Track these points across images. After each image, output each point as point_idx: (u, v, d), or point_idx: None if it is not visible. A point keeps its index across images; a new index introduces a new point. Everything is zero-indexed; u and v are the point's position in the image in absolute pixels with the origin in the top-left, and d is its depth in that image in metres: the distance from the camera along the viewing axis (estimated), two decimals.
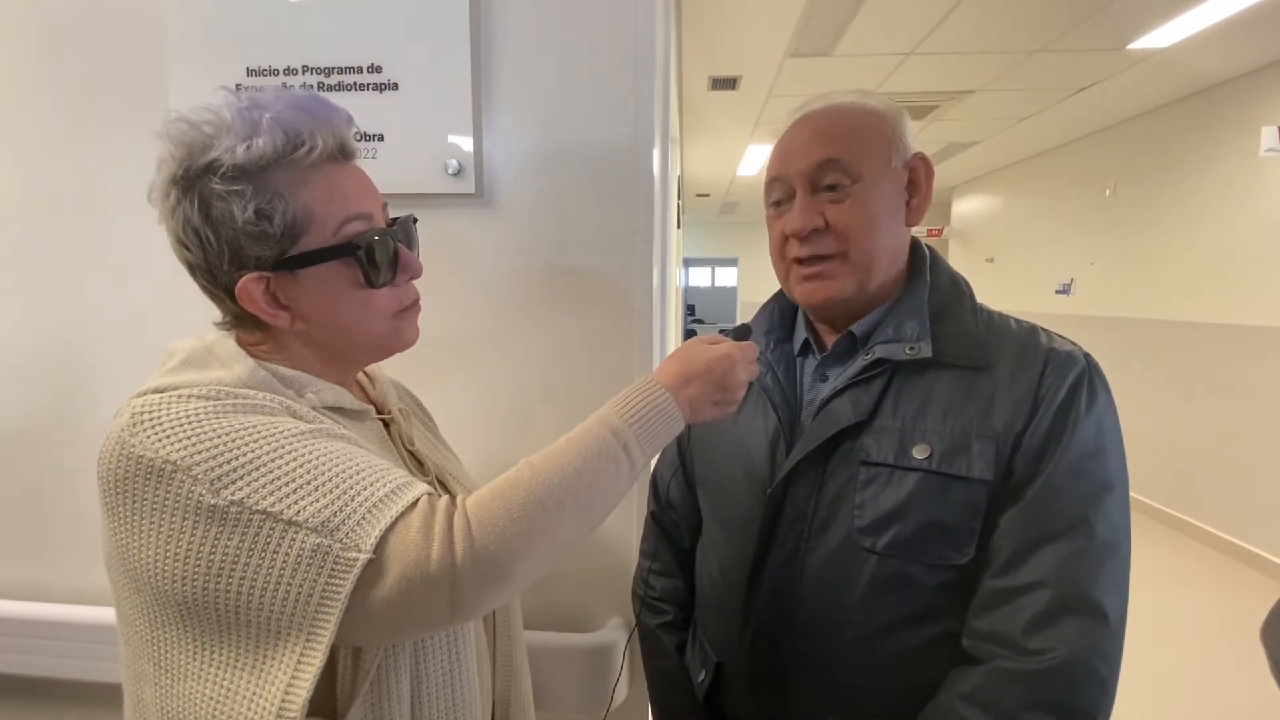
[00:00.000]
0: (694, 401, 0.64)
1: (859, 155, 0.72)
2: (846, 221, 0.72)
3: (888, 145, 0.74)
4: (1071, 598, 0.62)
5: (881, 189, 0.73)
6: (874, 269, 0.74)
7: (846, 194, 0.72)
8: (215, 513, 0.51)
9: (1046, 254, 5.49)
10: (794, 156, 0.75)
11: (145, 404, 0.55)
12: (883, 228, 0.74)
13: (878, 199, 0.73)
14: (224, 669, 0.52)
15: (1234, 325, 3.68)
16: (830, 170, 0.72)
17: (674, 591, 0.93)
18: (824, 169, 0.73)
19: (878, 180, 0.73)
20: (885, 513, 0.69)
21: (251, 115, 0.58)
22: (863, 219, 0.72)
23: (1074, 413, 0.66)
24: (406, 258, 0.67)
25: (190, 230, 0.59)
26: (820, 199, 0.73)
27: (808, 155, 0.73)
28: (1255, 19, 2.91)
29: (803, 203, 0.74)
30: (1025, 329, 0.73)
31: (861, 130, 0.74)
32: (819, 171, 0.73)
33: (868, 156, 0.73)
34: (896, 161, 0.74)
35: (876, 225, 0.73)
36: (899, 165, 0.74)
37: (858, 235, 0.72)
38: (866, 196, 0.72)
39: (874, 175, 0.73)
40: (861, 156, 0.72)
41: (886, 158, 0.74)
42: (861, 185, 0.72)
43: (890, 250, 0.75)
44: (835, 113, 0.75)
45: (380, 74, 1.02)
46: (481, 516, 0.53)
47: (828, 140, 0.73)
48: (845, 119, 0.75)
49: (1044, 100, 4.13)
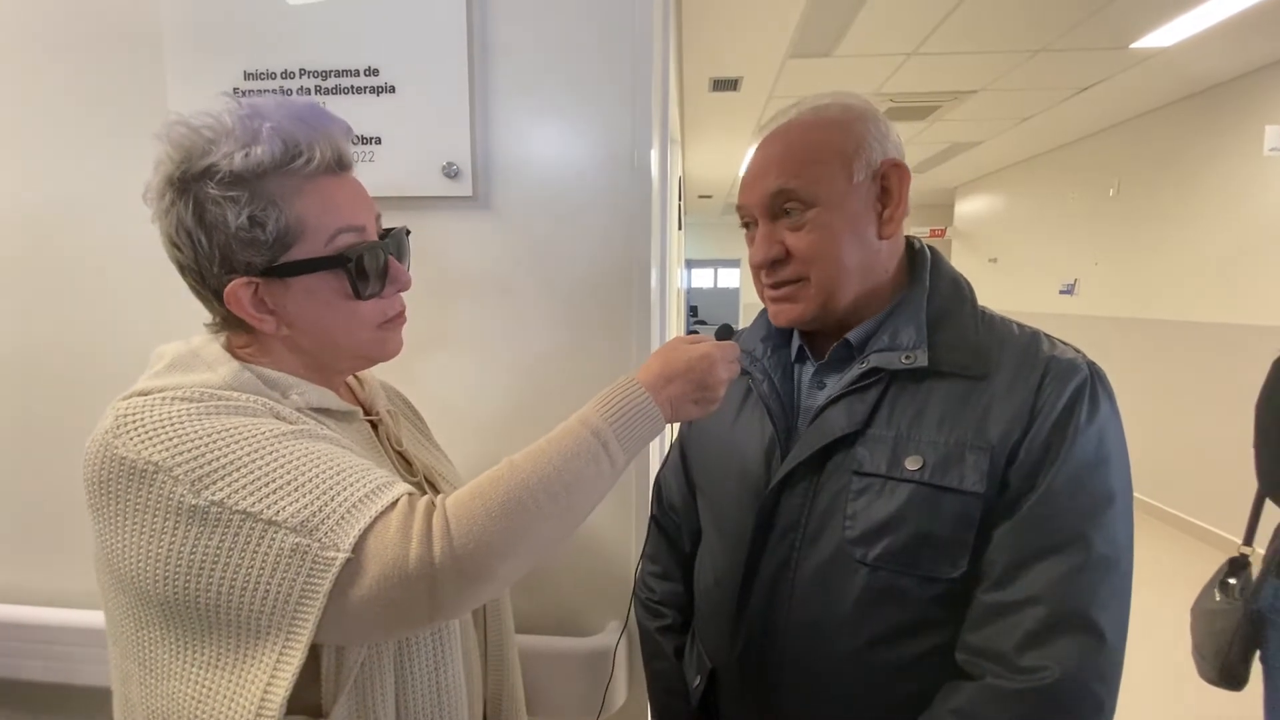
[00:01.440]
0: (675, 400, 0.64)
1: (812, 180, 0.71)
2: (804, 248, 0.72)
3: (848, 161, 0.71)
4: (1067, 615, 0.60)
5: (842, 209, 0.71)
6: (839, 290, 0.73)
7: (802, 220, 0.71)
8: (196, 513, 0.51)
9: (1050, 254, 5.48)
10: (751, 186, 0.75)
11: (130, 406, 0.56)
12: (846, 248, 0.72)
13: (839, 220, 0.71)
14: (205, 669, 0.53)
15: (1238, 325, 3.66)
16: (784, 199, 0.72)
17: (674, 595, 0.93)
18: (778, 198, 0.72)
19: (838, 201, 0.71)
20: (877, 524, 0.67)
21: (252, 123, 0.58)
22: (821, 244, 0.71)
23: (1074, 424, 0.64)
24: (396, 270, 0.67)
25: (183, 232, 0.59)
26: (780, 226, 0.73)
27: (762, 185, 0.73)
28: (1258, 18, 2.89)
29: (763, 232, 0.74)
30: (1027, 335, 0.71)
31: (817, 150, 0.72)
32: (774, 201, 0.72)
33: (822, 179, 0.71)
34: (860, 175, 0.71)
35: (838, 247, 0.71)
36: (863, 178, 0.71)
37: (818, 261, 0.71)
38: (825, 220, 0.71)
39: (832, 196, 0.71)
40: (815, 180, 0.71)
41: (846, 175, 0.71)
42: (819, 209, 0.71)
43: (858, 268, 0.73)
44: (792, 133, 0.74)
45: (377, 77, 1.02)
46: (460, 515, 0.53)
47: (779, 168, 0.72)
48: (800, 140, 0.73)
49: (1047, 100, 4.12)
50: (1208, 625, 1.63)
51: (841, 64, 3.44)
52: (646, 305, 1.06)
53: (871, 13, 2.81)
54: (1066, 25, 2.94)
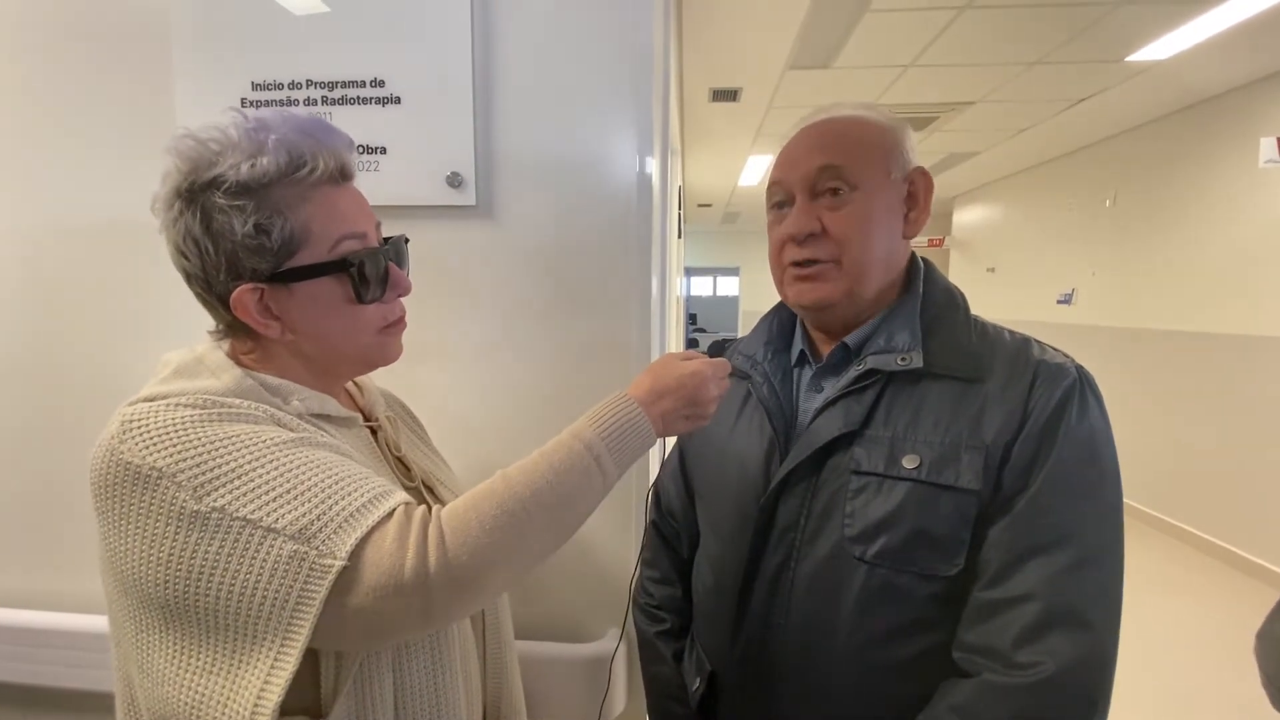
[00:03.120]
0: (666, 416, 0.66)
1: (858, 163, 0.74)
2: (842, 227, 0.73)
3: (887, 156, 0.75)
4: (1060, 611, 0.62)
5: (879, 198, 0.74)
6: (866, 276, 0.75)
7: (844, 201, 0.74)
8: (197, 518, 0.52)
9: (1047, 264, 5.50)
10: (795, 162, 0.76)
11: (135, 412, 0.57)
12: (878, 236, 0.75)
13: (875, 208, 0.74)
14: (199, 674, 0.53)
15: (1234, 335, 3.68)
16: (829, 176, 0.74)
17: (672, 600, 0.93)
18: (823, 174, 0.74)
19: (876, 190, 0.74)
20: (875, 522, 0.69)
21: (258, 135, 0.60)
22: (859, 226, 0.73)
23: (1064, 424, 0.66)
24: (396, 275, 0.69)
25: (190, 241, 0.60)
26: (819, 205, 0.75)
27: (808, 161, 0.75)
28: (1253, 31, 2.92)
29: (801, 206, 0.75)
30: (1018, 341, 0.74)
31: (861, 140, 0.75)
32: (819, 177, 0.74)
33: (866, 165, 0.74)
34: (896, 173, 0.75)
35: (872, 233, 0.74)
36: (898, 177, 0.75)
37: (853, 242, 0.74)
38: (864, 204, 0.73)
39: (872, 184, 0.74)
40: (860, 165, 0.74)
41: (885, 168, 0.75)
42: (859, 193, 0.73)
43: (884, 259, 0.76)
44: (837, 122, 0.77)
45: (383, 88, 1.04)
46: (455, 526, 0.55)
47: (828, 147, 0.75)
48: (847, 128, 0.76)
49: (1044, 111, 4.15)
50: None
51: (840, 75, 3.47)
52: (647, 314, 1.07)
53: (870, 25, 2.84)
54: (1063, 38, 2.97)
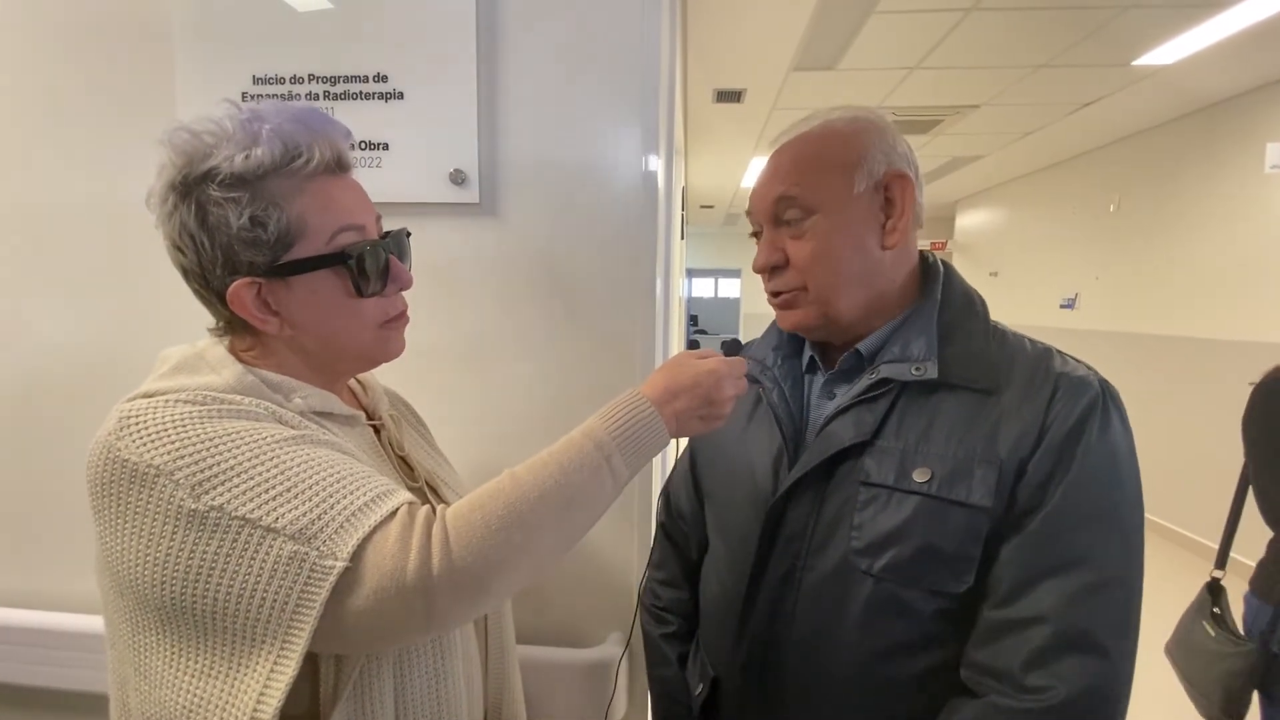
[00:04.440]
0: (680, 416, 0.64)
1: (813, 188, 0.72)
2: (802, 256, 0.73)
3: (850, 171, 0.71)
4: (1073, 635, 0.59)
5: (844, 218, 0.71)
6: (836, 300, 0.73)
7: (802, 229, 0.72)
8: (195, 517, 0.51)
9: (1051, 268, 5.49)
10: (759, 193, 0.77)
11: (133, 409, 0.56)
12: (845, 258, 0.72)
13: (839, 229, 0.71)
14: (198, 676, 0.52)
15: (1238, 341, 3.66)
16: (785, 206, 0.73)
17: (679, 603, 0.92)
18: (780, 205, 0.74)
19: (839, 210, 0.71)
20: (883, 535, 0.67)
21: (252, 126, 0.59)
22: (819, 253, 0.72)
23: (1084, 441, 0.63)
24: (397, 269, 0.67)
25: (186, 235, 0.59)
26: (782, 234, 0.75)
27: (768, 191, 0.75)
28: (1259, 36, 2.91)
29: (767, 238, 0.76)
30: (1039, 351, 0.71)
31: (819, 160, 0.73)
32: (776, 208, 0.74)
33: (822, 188, 0.71)
34: (861, 185, 0.71)
35: (836, 257, 0.72)
36: (864, 189, 0.71)
37: (815, 269, 0.72)
38: (824, 229, 0.71)
39: (833, 205, 0.71)
40: (816, 188, 0.72)
41: (847, 185, 0.71)
42: (819, 217, 0.71)
43: (860, 277, 0.73)
44: (797, 145, 0.75)
45: (386, 83, 1.03)
46: (459, 527, 0.53)
47: (783, 175, 0.74)
48: (805, 150, 0.74)
49: (1048, 115, 4.14)
50: (1209, 664, 1.56)
51: (845, 77, 3.46)
52: (651, 314, 1.05)
53: (875, 27, 2.83)
54: (1068, 42, 2.96)
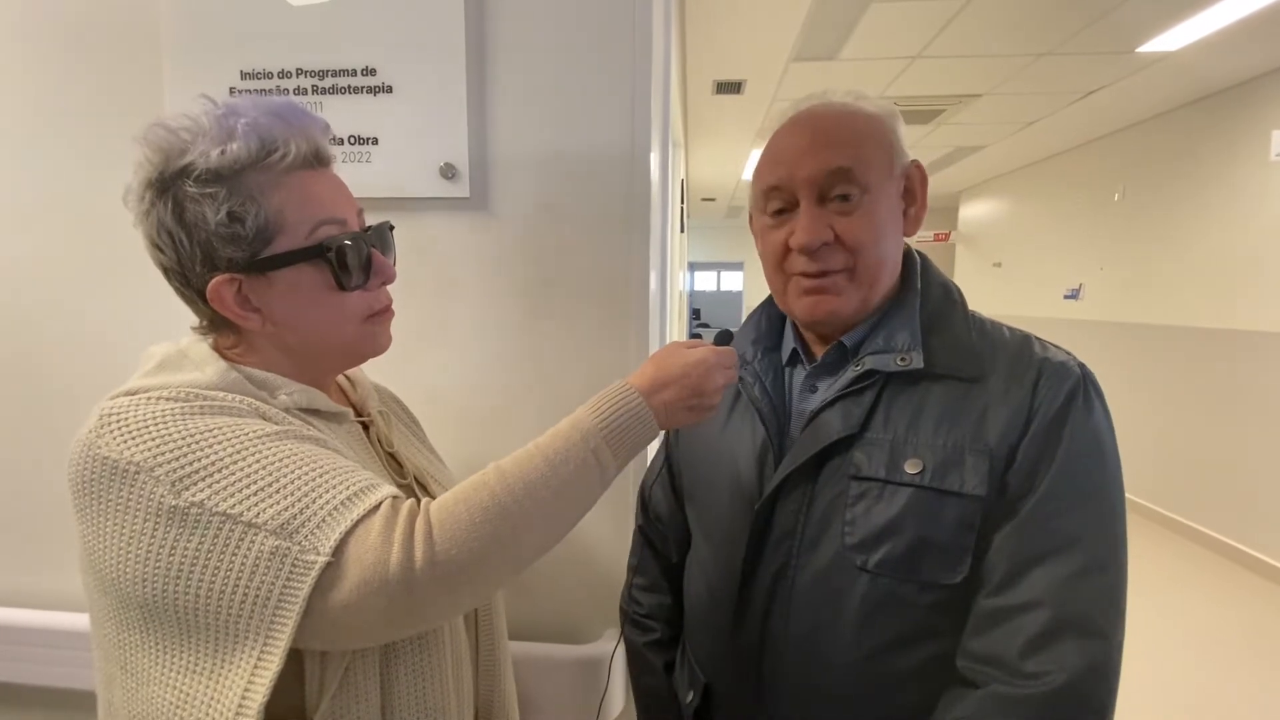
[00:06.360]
0: (669, 406, 0.63)
1: (867, 163, 0.68)
2: (856, 234, 0.68)
3: (889, 152, 0.70)
4: (1070, 618, 0.59)
5: (886, 199, 0.70)
6: (878, 283, 0.71)
7: (856, 205, 0.68)
8: (176, 514, 0.51)
9: (1055, 259, 5.45)
10: (797, 163, 0.69)
11: (115, 406, 0.55)
12: (887, 239, 0.70)
13: (884, 209, 0.69)
14: (183, 674, 0.52)
15: (1244, 330, 3.63)
16: (840, 180, 0.68)
17: (661, 608, 0.90)
18: (834, 178, 0.68)
19: (883, 191, 0.69)
20: (877, 529, 0.66)
21: (227, 121, 0.59)
22: (871, 232, 0.68)
23: (1070, 424, 0.63)
24: (379, 262, 0.67)
25: (164, 232, 0.59)
26: (827, 210, 0.69)
27: (815, 163, 0.68)
28: (1265, 23, 2.87)
29: (811, 214, 0.68)
30: (1019, 338, 0.71)
31: (867, 135, 0.69)
32: (828, 181, 0.68)
33: (874, 164, 0.69)
34: (896, 169, 0.71)
35: (883, 237, 0.69)
36: (898, 173, 0.71)
37: (866, 249, 0.69)
38: (874, 208, 0.68)
39: (880, 184, 0.69)
40: (869, 164, 0.68)
41: (889, 165, 0.70)
42: (870, 196, 0.68)
43: (892, 263, 0.73)
44: (838, 115, 0.70)
45: (374, 77, 1.02)
46: (444, 520, 0.53)
47: (836, 146, 0.68)
48: (849, 122, 0.70)
49: (1052, 104, 4.10)
50: None
51: (846, 67, 3.43)
52: (645, 308, 1.04)
53: (876, 16, 2.80)
54: (1072, 29, 2.93)
